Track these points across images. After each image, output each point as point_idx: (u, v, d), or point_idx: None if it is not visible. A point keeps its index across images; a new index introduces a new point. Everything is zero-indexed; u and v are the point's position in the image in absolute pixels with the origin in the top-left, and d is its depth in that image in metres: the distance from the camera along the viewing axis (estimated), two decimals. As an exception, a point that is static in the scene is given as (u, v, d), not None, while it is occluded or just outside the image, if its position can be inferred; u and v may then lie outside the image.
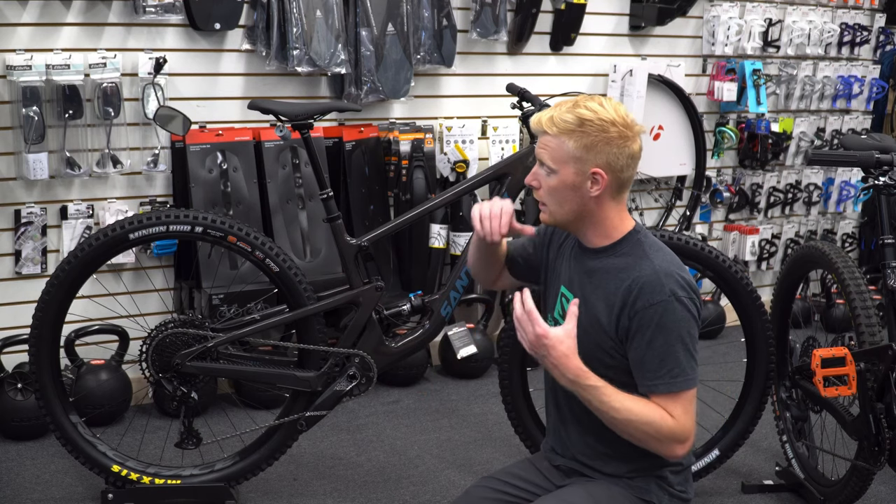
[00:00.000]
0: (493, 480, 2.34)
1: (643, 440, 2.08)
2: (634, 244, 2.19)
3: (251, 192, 3.96)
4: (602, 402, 2.05)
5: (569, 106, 2.14)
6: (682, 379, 2.08)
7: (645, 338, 2.09)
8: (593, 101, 2.15)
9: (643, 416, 2.06)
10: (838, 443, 3.33)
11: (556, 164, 2.14)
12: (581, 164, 2.13)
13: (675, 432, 2.07)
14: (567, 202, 2.16)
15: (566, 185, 2.15)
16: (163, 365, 3.06)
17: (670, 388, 2.07)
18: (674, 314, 2.08)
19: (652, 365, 2.08)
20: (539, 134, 2.18)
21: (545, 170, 2.17)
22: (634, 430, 2.06)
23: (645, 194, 5.09)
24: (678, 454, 2.10)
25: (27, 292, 3.69)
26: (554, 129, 2.13)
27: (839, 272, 3.10)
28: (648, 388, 2.09)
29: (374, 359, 3.20)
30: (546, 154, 2.15)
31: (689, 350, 2.09)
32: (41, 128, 3.58)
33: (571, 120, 2.11)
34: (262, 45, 3.98)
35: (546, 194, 2.19)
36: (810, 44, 5.26)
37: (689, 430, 2.08)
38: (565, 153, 2.13)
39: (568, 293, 2.25)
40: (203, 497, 3.16)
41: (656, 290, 2.09)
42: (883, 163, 3.08)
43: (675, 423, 2.06)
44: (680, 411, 2.07)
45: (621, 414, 2.05)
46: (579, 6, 4.60)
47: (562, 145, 2.13)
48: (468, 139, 4.41)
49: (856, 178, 5.57)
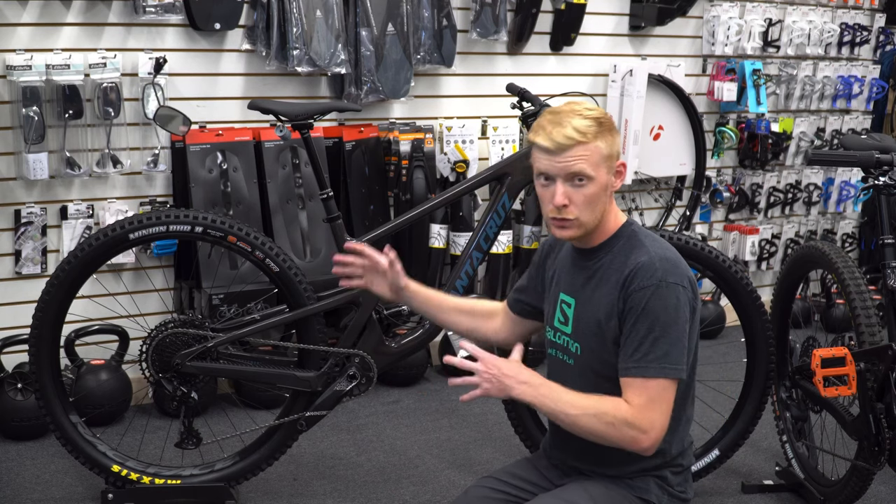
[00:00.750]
0: (493, 480, 2.34)
1: (604, 434, 2.06)
2: (630, 236, 2.20)
3: (251, 192, 3.96)
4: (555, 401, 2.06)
5: (573, 115, 2.12)
6: (658, 366, 2.05)
7: (632, 320, 2.09)
8: (577, 104, 2.17)
9: (596, 408, 2.05)
10: (838, 443, 3.33)
11: (594, 170, 2.12)
12: (610, 161, 2.16)
13: (631, 421, 2.04)
14: (599, 205, 2.16)
15: (601, 187, 2.15)
16: (163, 365, 3.06)
17: (643, 372, 2.05)
18: (662, 300, 2.07)
19: (631, 347, 2.08)
20: (564, 149, 2.10)
21: (579, 181, 2.12)
22: (591, 425, 2.05)
23: (645, 194, 5.09)
24: (643, 446, 2.06)
25: (27, 292, 3.69)
26: (586, 138, 2.11)
27: (839, 272, 3.10)
28: (623, 371, 2.09)
29: (374, 359, 3.20)
30: (584, 163, 2.11)
31: (671, 339, 2.06)
32: (41, 128, 3.58)
33: (591, 124, 2.12)
34: (262, 45, 3.98)
35: (583, 206, 2.14)
36: (810, 44, 5.26)
37: (650, 421, 2.04)
38: (600, 156, 2.13)
39: (568, 298, 2.25)
40: (203, 497, 3.16)
41: (648, 274, 2.09)
42: (883, 163, 3.08)
43: (630, 412, 2.04)
44: (643, 400, 2.04)
45: (576, 409, 2.05)
46: (579, 6, 4.60)
47: (596, 150, 2.12)
48: (468, 139, 4.41)
49: (856, 178, 5.57)
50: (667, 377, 2.06)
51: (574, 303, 2.23)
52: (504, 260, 4.49)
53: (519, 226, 4.56)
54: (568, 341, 2.24)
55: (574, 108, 2.15)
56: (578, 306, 2.22)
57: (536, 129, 2.16)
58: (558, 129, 2.11)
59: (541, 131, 2.14)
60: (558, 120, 2.13)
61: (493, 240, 3.37)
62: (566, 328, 2.25)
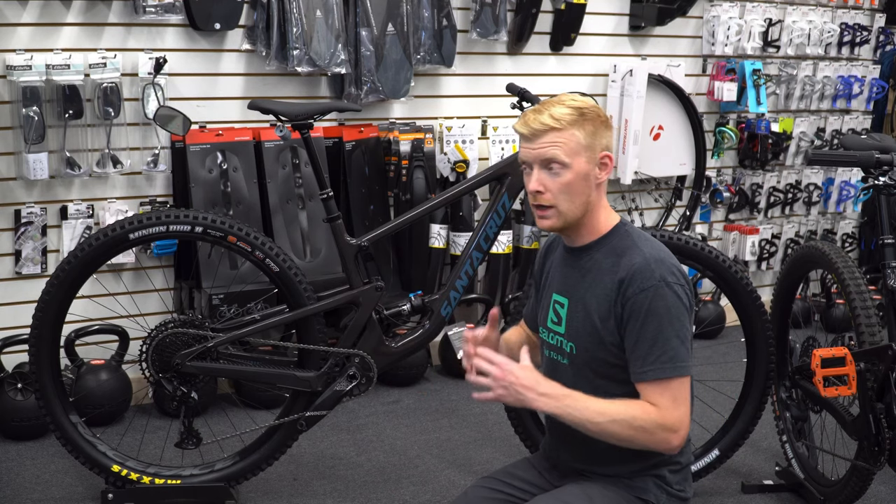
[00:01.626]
0: (493, 480, 2.34)
1: (634, 439, 2.06)
2: (622, 236, 2.20)
3: (251, 192, 3.96)
4: (580, 411, 2.05)
5: (555, 104, 2.15)
6: (672, 365, 2.06)
7: (637, 323, 2.09)
8: (566, 96, 2.19)
9: (625, 414, 2.05)
10: (838, 443, 3.33)
11: (570, 157, 2.13)
12: (591, 151, 2.15)
13: (661, 422, 2.05)
14: (578, 195, 2.16)
15: (579, 176, 2.15)
16: (163, 365, 3.06)
17: (660, 374, 2.07)
18: (664, 299, 2.08)
19: (643, 351, 2.08)
20: (538, 135, 2.14)
21: (554, 168, 2.14)
22: (621, 431, 2.05)
23: (645, 194, 5.09)
24: (673, 445, 2.08)
25: (27, 292, 3.69)
26: (560, 124, 2.12)
27: (839, 272, 3.10)
28: (639, 376, 2.09)
29: (374, 359, 3.20)
30: (559, 150, 2.13)
31: (679, 336, 2.08)
32: (41, 128, 3.58)
33: (571, 112, 2.13)
34: (262, 45, 3.98)
35: (558, 193, 2.15)
36: (810, 44, 5.26)
37: (678, 419, 2.06)
38: (577, 144, 2.14)
39: (561, 298, 2.25)
40: (203, 497, 3.16)
41: (647, 275, 2.09)
42: (883, 163, 3.08)
43: (659, 413, 2.05)
44: (667, 400, 2.06)
45: (604, 417, 2.04)
46: (579, 6, 4.60)
47: (572, 137, 2.13)
48: (468, 139, 4.41)
49: (856, 178, 5.57)
50: (682, 375, 2.08)
51: (567, 303, 2.23)
52: (504, 260, 4.49)
53: (519, 226, 4.56)
54: (561, 341, 2.23)
55: (561, 99, 2.17)
56: (571, 306, 2.22)
57: (520, 118, 2.19)
58: (535, 116, 2.15)
59: (521, 119, 2.18)
60: (540, 108, 2.16)
61: (493, 240, 3.38)
62: (559, 328, 2.24)
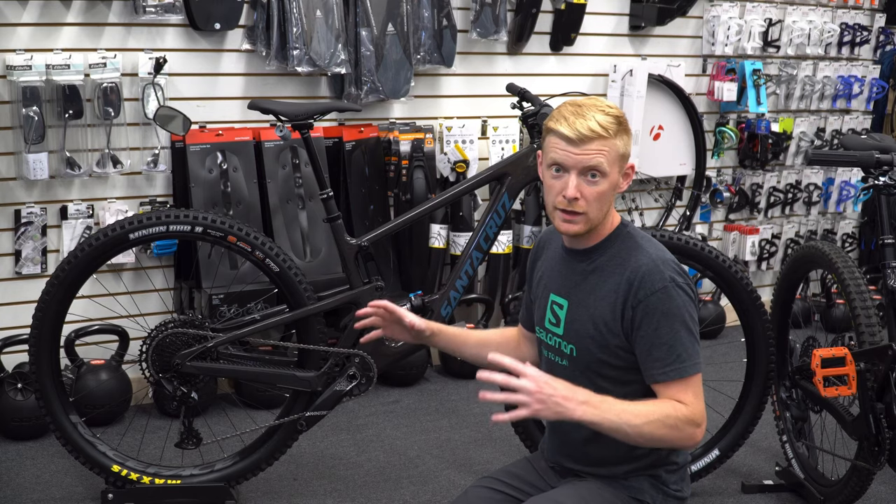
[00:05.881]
0: (492, 480, 2.33)
1: (665, 437, 2.05)
2: (625, 237, 2.19)
3: (251, 192, 3.96)
4: (618, 414, 2.01)
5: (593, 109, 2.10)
6: (690, 363, 2.09)
7: (651, 326, 2.09)
8: (597, 99, 2.15)
9: (658, 413, 2.04)
10: (838, 443, 3.33)
11: (610, 167, 2.11)
12: (623, 161, 2.14)
13: (691, 418, 2.07)
14: (606, 203, 2.15)
15: (612, 185, 2.13)
16: (163, 365, 3.06)
17: (681, 373, 2.08)
18: (676, 299, 2.09)
19: (660, 353, 2.08)
20: (585, 141, 2.07)
21: (594, 176, 2.10)
22: (656, 431, 2.03)
23: (645, 194, 5.09)
24: (697, 439, 2.10)
25: (27, 292, 3.69)
26: (608, 133, 2.09)
27: (839, 272, 3.10)
28: (659, 377, 2.09)
29: (374, 359, 3.20)
30: (603, 159, 2.09)
31: (692, 334, 2.11)
32: (41, 128, 3.58)
33: (613, 121, 2.10)
34: (262, 45, 3.98)
35: (592, 201, 2.11)
36: (810, 44, 5.26)
37: (702, 413, 2.09)
38: (616, 154, 2.11)
39: (560, 299, 2.24)
40: (203, 497, 3.16)
41: (656, 277, 2.10)
42: (883, 163, 3.08)
43: (688, 410, 2.07)
44: (691, 396, 2.08)
45: (641, 419, 2.02)
46: (579, 6, 4.60)
47: (614, 147, 2.10)
48: (468, 139, 4.41)
49: (856, 178, 5.57)
50: (698, 371, 2.11)
51: (567, 304, 2.22)
52: (504, 260, 4.49)
53: (519, 226, 4.56)
54: (560, 343, 2.23)
55: (596, 104, 2.12)
56: (572, 308, 2.20)
57: (557, 117, 2.12)
58: (581, 121, 2.08)
59: (562, 120, 2.10)
60: (581, 112, 2.09)
61: (493, 240, 3.38)
62: (557, 329, 2.23)
